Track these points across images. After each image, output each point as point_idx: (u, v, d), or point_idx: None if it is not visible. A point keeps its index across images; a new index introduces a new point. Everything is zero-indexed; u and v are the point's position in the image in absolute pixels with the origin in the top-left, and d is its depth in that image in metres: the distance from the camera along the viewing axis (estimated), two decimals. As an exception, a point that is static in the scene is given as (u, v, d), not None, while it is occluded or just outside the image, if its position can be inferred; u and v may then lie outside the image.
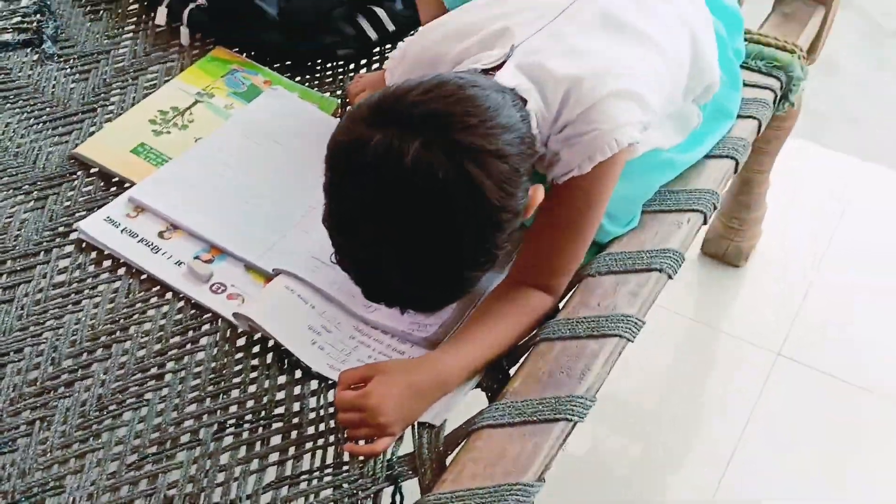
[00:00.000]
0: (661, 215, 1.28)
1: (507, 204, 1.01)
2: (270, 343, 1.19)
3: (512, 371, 1.15)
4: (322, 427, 1.12)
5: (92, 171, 1.38)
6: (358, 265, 1.06)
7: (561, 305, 1.19)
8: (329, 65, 1.58)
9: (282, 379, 1.16)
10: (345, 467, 1.08)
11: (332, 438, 1.11)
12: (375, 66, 1.57)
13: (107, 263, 1.27)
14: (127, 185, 1.36)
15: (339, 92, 1.53)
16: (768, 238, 1.97)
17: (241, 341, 1.20)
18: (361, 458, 1.08)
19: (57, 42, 1.57)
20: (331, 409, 1.13)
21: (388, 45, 1.59)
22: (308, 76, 1.55)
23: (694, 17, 1.25)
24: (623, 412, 1.74)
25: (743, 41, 1.46)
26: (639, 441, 1.73)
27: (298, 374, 1.17)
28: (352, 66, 1.58)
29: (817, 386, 1.78)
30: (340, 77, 1.56)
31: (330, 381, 1.15)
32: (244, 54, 1.57)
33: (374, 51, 1.59)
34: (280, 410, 1.13)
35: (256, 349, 1.19)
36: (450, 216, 0.99)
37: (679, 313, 1.90)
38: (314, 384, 1.16)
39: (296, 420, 1.12)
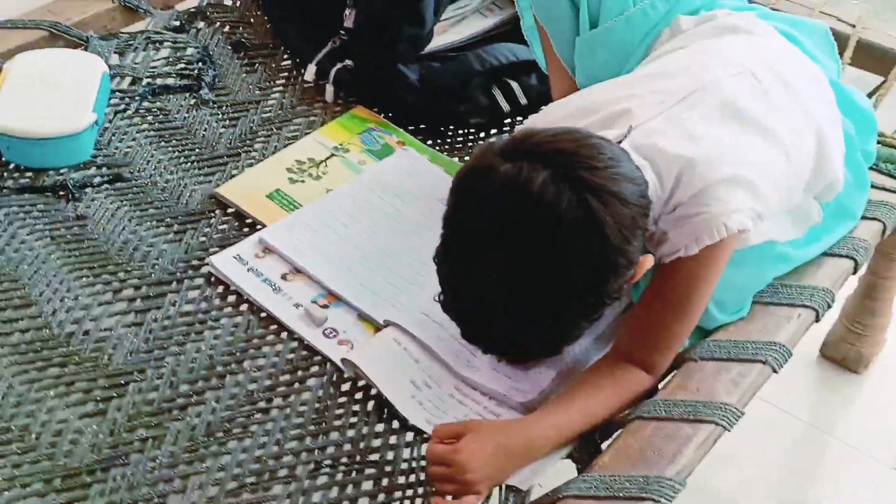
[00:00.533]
0: (772, 307, 1.28)
1: (623, 248, 1.04)
2: (373, 391, 1.24)
3: (604, 445, 1.16)
4: (412, 478, 1.15)
5: (229, 210, 1.47)
6: (464, 299, 1.09)
7: (660, 386, 1.20)
8: (461, 131, 1.64)
9: (379, 427, 1.21)
10: (429, 519, 1.11)
11: (420, 490, 1.14)
12: (504, 136, 1.63)
13: (231, 298, 1.35)
14: (259, 226, 1.44)
15: (466, 158, 1.59)
16: (893, 347, 1.91)
17: (345, 386, 1.25)
18: (446, 512, 1.11)
19: (213, 89, 1.68)
20: (423, 462, 1.16)
21: (519, 118, 1.64)
22: (440, 140, 1.62)
23: (821, 115, 1.25)
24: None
25: (875, 143, 1.45)
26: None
27: (396, 424, 1.21)
28: (482, 134, 1.64)
29: (930, 506, 1.71)
30: (470, 144, 1.62)
31: (425, 435, 1.19)
32: (382, 115, 1.65)
33: (505, 122, 1.65)
34: (374, 457, 1.17)
35: (359, 395, 1.24)
36: (568, 248, 1.02)
37: (793, 414, 1.86)
38: (409, 436, 1.19)
39: (388, 468, 1.16)
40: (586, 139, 1.07)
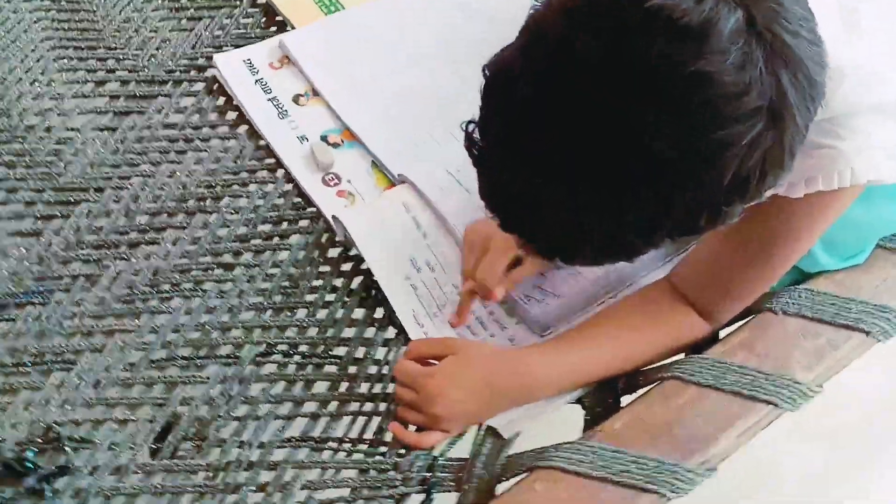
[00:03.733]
0: (902, 257, 0.94)
1: (785, 168, 0.70)
2: (363, 266, 0.99)
3: (624, 401, 0.89)
4: (377, 388, 0.92)
5: (258, 1, 1.20)
6: (534, 164, 0.70)
7: (720, 336, 0.91)
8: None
9: (358, 313, 0.97)
10: (381, 448, 0.88)
11: (381, 407, 0.91)
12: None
13: (229, 116, 1.11)
14: (289, 28, 1.18)
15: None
16: None
17: (332, 252, 1.01)
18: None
19: None
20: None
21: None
22: (538, -53, 1.28)
23: None
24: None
25: None
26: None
27: (379, 313, 0.96)
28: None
29: None
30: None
31: (409, 335, 0.94)
32: None
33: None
34: (340, 351, 0.94)
35: (346, 267, 1.00)
36: (734, 137, 0.66)
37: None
38: (390, 332, 0.95)
39: (352, 369, 0.93)
40: None
